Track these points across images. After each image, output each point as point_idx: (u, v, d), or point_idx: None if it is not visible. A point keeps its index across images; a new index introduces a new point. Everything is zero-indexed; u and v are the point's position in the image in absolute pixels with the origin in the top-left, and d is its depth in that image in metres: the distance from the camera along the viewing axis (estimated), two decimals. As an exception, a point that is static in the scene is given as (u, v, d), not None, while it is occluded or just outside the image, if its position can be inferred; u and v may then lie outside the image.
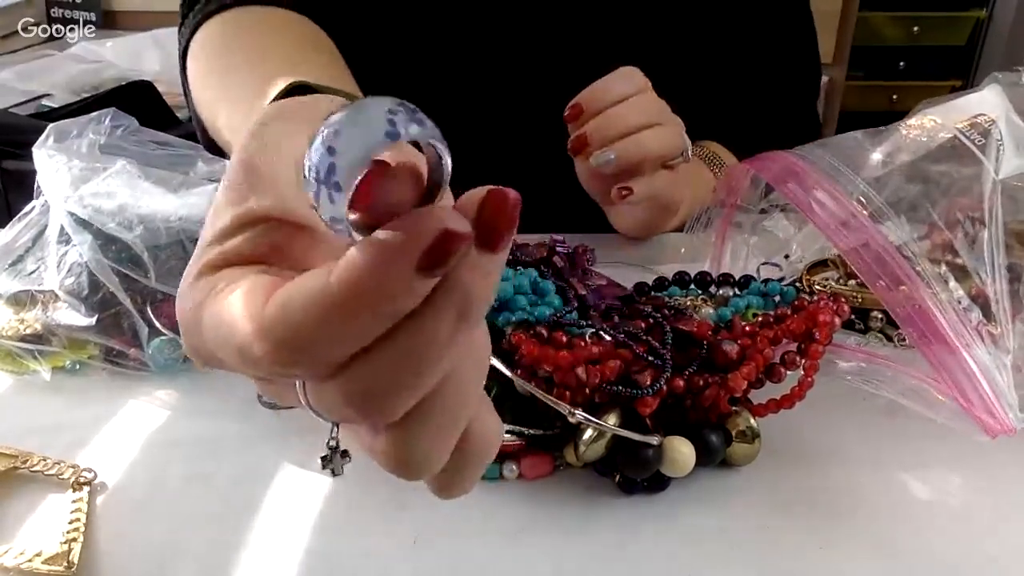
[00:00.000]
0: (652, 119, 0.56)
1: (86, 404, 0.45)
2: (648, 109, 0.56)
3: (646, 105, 0.56)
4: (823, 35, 0.81)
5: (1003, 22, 2.30)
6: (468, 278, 0.17)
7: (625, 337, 0.36)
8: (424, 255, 0.16)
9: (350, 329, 0.17)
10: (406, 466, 0.21)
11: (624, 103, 0.55)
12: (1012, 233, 0.41)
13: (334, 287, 0.17)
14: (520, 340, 0.35)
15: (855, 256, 0.38)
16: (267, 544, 0.35)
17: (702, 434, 0.37)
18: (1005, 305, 0.38)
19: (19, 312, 0.48)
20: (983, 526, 0.35)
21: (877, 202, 0.40)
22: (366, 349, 0.18)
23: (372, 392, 0.18)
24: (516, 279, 0.40)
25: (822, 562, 0.33)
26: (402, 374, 0.18)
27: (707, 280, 0.47)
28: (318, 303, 0.17)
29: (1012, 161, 0.41)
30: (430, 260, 0.16)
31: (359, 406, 0.19)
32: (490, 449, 0.22)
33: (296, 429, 0.42)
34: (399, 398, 0.18)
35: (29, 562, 0.33)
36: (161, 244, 0.48)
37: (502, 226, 0.17)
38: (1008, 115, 0.43)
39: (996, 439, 0.35)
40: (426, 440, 0.20)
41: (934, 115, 0.44)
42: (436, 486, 0.23)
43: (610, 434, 0.35)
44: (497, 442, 0.23)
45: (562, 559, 0.34)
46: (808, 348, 0.37)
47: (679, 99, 0.59)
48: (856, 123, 0.48)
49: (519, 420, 0.37)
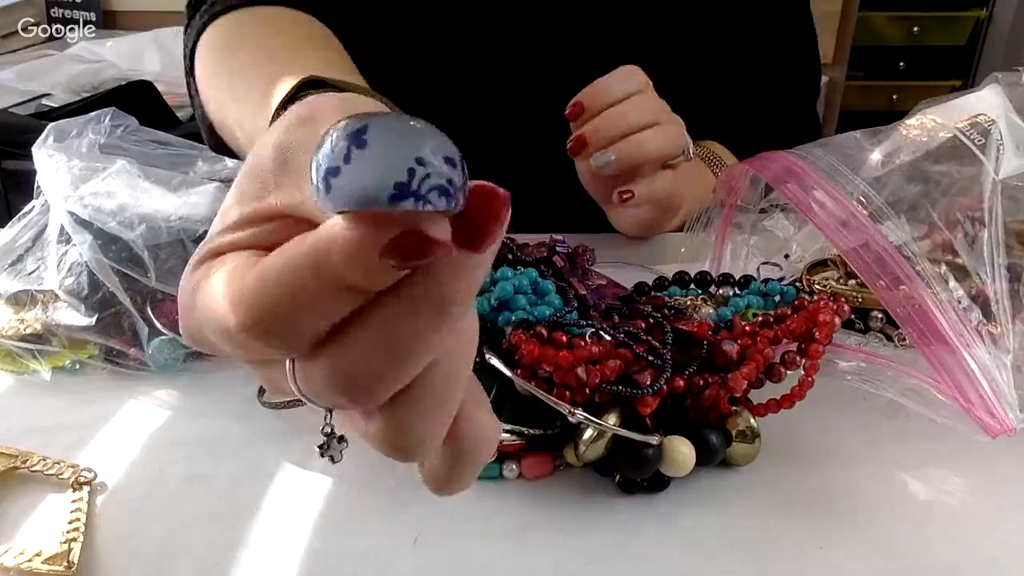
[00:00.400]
0: (652, 118, 0.56)
1: (86, 404, 0.45)
2: (648, 108, 0.56)
3: (646, 104, 0.56)
4: (823, 35, 0.81)
5: (1003, 22, 2.30)
6: (447, 278, 0.17)
7: (625, 337, 0.36)
8: (389, 245, 0.16)
9: (318, 302, 0.17)
10: (399, 449, 0.21)
11: (624, 102, 0.55)
12: (1012, 233, 0.41)
13: (303, 255, 0.17)
14: (520, 340, 0.35)
15: (855, 256, 0.38)
16: (267, 544, 0.35)
17: (702, 434, 0.37)
18: (1005, 305, 0.38)
19: (19, 312, 0.48)
20: (983, 526, 0.35)
21: (877, 202, 0.40)
22: (346, 332, 0.18)
23: (355, 376, 0.18)
24: (516, 279, 0.40)
25: (822, 562, 0.33)
26: (381, 360, 0.18)
27: (707, 280, 0.47)
28: (290, 271, 0.17)
29: (1012, 161, 0.41)
30: (396, 252, 0.16)
31: (344, 389, 0.19)
32: (486, 446, 0.22)
33: (296, 429, 0.42)
34: (381, 383, 0.19)
35: (29, 562, 0.33)
36: (161, 244, 0.48)
37: (488, 225, 0.17)
38: (1008, 115, 0.43)
39: (996, 439, 0.36)
40: (417, 423, 0.20)
41: (934, 115, 0.44)
42: (434, 483, 0.23)
43: (610, 434, 0.35)
44: (494, 439, 0.23)
45: (562, 559, 0.34)
46: (808, 348, 0.37)
47: (680, 99, 0.59)
48: (856, 123, 0.48)
49: (519, 420, 0.37)
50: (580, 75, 0.57)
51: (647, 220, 0.64)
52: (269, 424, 0.43)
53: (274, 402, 0.43)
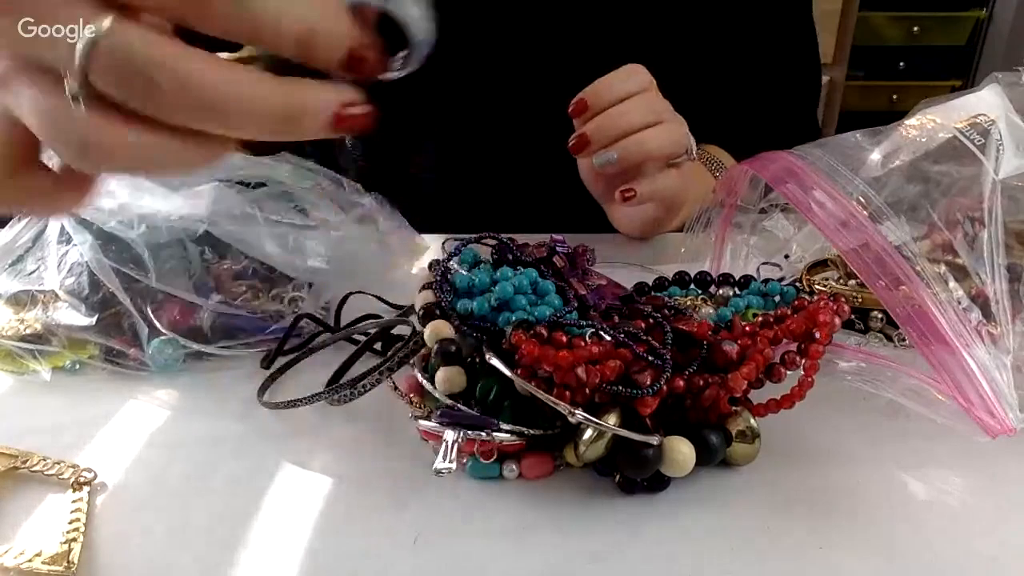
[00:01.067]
0: (655, 117, 0.56)
1: (86, 404, 0.45)
2: (651, 107, 0.56)
3: (649, 103, 0.56)
4: (823, 35, 0.81)
5: (1003, 22, 2.30)
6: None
7: (625, 337, 0.36)
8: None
9: None
10: None
11: (627, 101, 0.55)
12: (1012, 233, 0.41)
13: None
14: (520, 340, 0.35)
15: (854, 256, 0.38)
16: (267, 544, 0.35)
17: (702, 434, 0.37)
18: (1005, 305, 0.38)
19: (19, 312, 0.48)
20: (983, 526, 0.35)
21: (877, 202, 0.40)
22: None
23: None
24: (516, 279, 0.40)
25: (822, 562, 0.33)
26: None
27: (707, 280, 0.47)
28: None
29: (1012, 161, 0.41)
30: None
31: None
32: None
33: (296, 429, 0.42)
34: None
35: (29, 562, 0.33)
36: (161, 244, 0.48)
37: None
38: (1008, 115, 0.43)
39: (996, 439, 0.36)
40: None
41: (934, 115, 0.44)
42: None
43: (610, 434, 0.35)
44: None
45: (562, 558, 0.34)
46: (808, 348, 0.37)
47: (680, 100, 0.59)
48: (856, 123, 0.48)
49: (519, 420, 0.37)
50: (581, 75, 0.57)
51: (650, 219, 0.64)
52: (269, 424, 0.43)
53: (275, 402, 0.43)
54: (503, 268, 0.41)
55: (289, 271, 0.52)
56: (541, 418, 0.37)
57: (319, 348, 0.49)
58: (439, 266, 0.43)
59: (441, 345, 0.38)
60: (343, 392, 0.40)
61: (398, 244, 0.59)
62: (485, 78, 0.69)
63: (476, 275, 0.41)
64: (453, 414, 0.37)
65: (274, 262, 0.51)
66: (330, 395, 0.41)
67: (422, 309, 0.41)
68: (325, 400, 0.41)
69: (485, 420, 0.36)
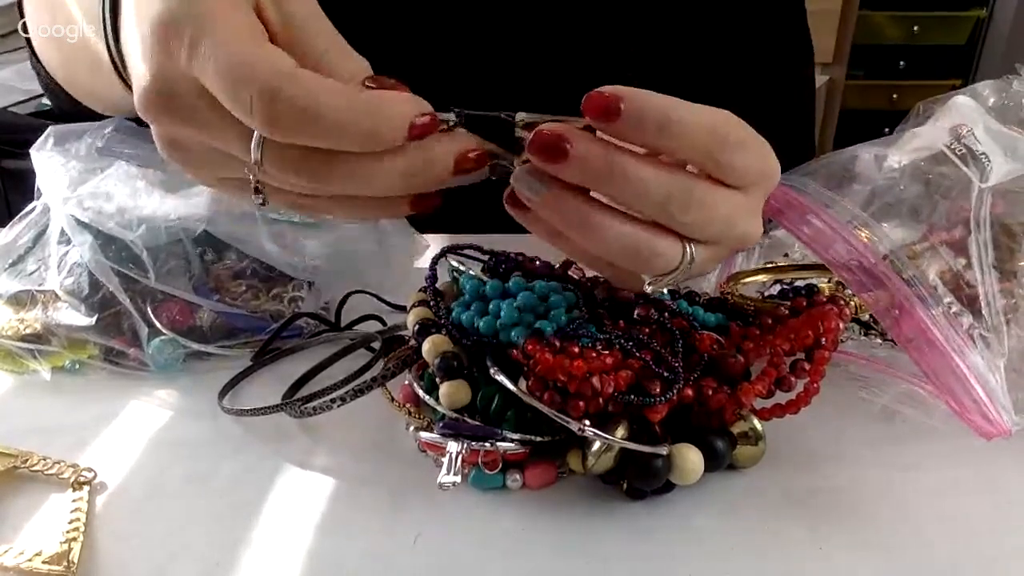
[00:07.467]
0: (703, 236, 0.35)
1: (86, 404, 0.45)
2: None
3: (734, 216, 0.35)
4: (823, 34, 0.81)
5: (1003, 22, 2.30)
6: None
7: (634, 346, 0.36)
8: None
9: None
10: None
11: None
12: (1007, 234, 0.41)
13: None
14: (534, 349, 0.35)
15: (843, 269, 0.39)
16: (267, 544, 0.35)
17: (708, 440, 0.36)
18: (997, 307, 0.38)
19: (19, 312, 0.48)
20: (983, 526, 0.35)
21: (864, 218, 0.40)
22: None
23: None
24: (522, 298, 0.39)
25: (822, 562, 0.33)
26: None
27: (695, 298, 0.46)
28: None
29: (1002, 167, 0.41)
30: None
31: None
32: None
33: (296, 429, 0.42)
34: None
35: (29, 562, 0.33)
36: (161, 244, 0.48)
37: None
38: (985, 121, 0.43)
39: (992, 441, 0.36)
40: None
41: (920, 140, 0.44)
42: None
43: (618, 446, 0.35)
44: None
45: (563, 558, 0.34)
46: (814, 354, 0.37)
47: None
48: (856, 122, 0.48)
49: (523, 429, 0.36)
50: (581, 75, 0.57)
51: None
52: (269, 424, 0.43)
53: (238, 408, 0.43)
54: (515, 279, 0.40)
55: (289, 270, 0.52)
56: (545, 424, 0.37)
57: (299, 349, 0.49)
58: (430, 280, 0.43)
59: (443, 360, 0.38)
60: (294, 409, 0.40)
61: (398, 243, 0.59)
62: (485, 76, 0.69)
63: (485, 288, 0.40)
64: (456, 426, 0.36)
65: (274, 261, 0.51)
66: (287, 408, 0.40)
67: (416, 324, 0.40)
68: (285, 412, 0.41)
69: (489, 430, 0.36)
